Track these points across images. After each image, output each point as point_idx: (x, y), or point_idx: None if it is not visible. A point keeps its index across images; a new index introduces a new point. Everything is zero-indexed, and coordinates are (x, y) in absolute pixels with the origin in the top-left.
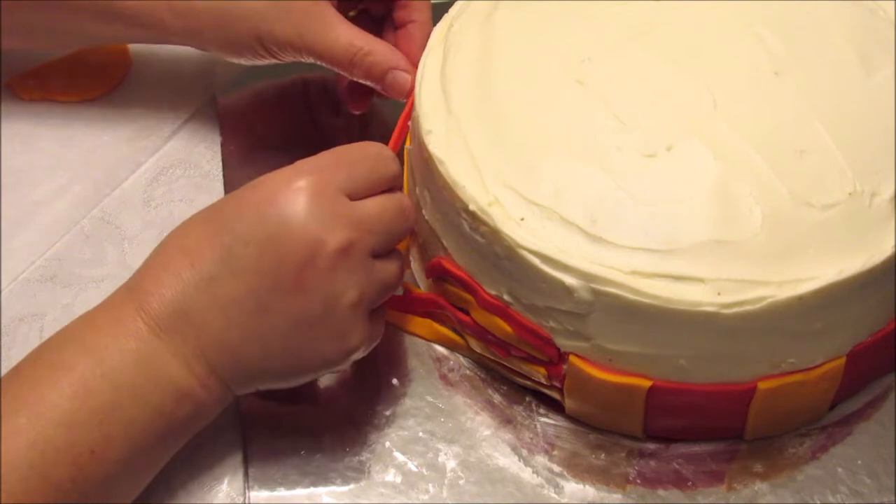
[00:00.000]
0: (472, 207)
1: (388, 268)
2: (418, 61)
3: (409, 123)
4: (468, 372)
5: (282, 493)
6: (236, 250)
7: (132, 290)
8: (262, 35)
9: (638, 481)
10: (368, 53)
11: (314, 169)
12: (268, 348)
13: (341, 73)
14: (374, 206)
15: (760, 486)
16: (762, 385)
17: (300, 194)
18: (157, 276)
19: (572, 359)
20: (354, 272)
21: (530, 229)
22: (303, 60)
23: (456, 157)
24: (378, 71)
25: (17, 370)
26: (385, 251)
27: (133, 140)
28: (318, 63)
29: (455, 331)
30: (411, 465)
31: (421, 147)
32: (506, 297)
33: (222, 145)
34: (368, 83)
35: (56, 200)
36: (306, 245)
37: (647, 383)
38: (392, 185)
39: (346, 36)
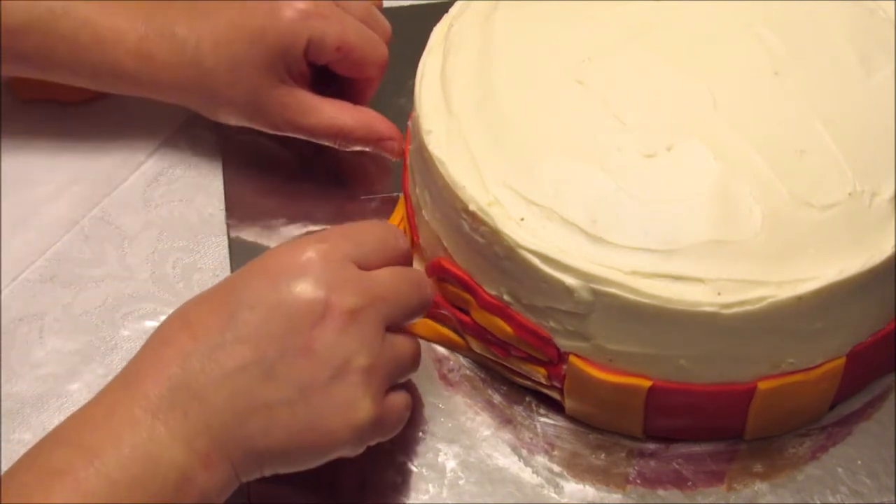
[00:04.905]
0: (472, 207)
1: (402, 343)
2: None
3: (410, 123)
4: (468, 372)
5: (282, 493)
6: (242, 315)
7: (127, 377)
8: (248, 120)
9: (638, 481)
10: (352, 131)
11: (322, 239)
12: (274, 419)
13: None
14: (386, 275)
15: (760, 486)
16: (762, 385)
17: (308, 260)
18: (155, 355)
19: (572, 359)
20: (365, 338)
21: (530, 229)
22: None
23: (456, 157)
24: (366, 143)
25: (12, 477)
26: (399, 324)
27: (133, 140)
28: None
29: (455, 331)
30: (411, 465)
31: (421, 147)
32: (506, 297)
33: (222, 146)
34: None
35: (56, 200)
36: (315, 307)
37: (647, 383)
38: (403, 262)
39: (328, 116)
